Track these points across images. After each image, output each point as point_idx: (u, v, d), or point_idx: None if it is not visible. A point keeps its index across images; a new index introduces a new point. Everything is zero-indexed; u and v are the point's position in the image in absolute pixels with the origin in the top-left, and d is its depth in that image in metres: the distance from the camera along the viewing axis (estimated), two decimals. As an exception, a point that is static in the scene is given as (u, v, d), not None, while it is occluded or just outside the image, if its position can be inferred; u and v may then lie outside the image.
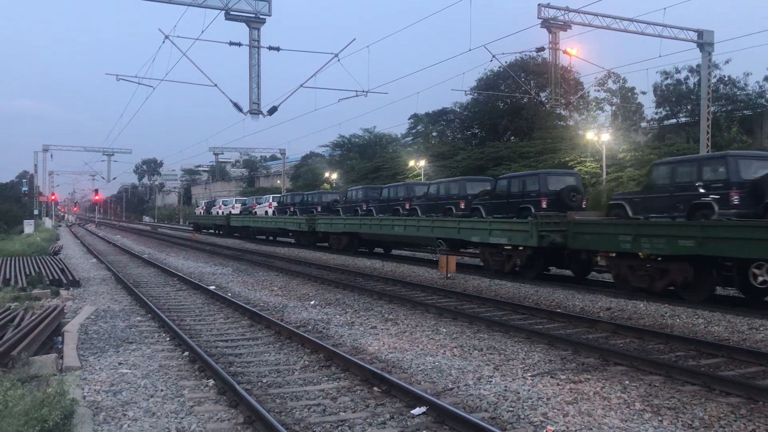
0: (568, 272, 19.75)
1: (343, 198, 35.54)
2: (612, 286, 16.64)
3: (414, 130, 66.33)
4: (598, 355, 9.47)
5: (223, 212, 53.07)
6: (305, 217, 34.50)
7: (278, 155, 76.46)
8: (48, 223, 69.23)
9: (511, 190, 21.07)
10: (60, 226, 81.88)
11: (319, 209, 35.56)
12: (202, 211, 61.28)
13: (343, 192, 39.98)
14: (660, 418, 6.72)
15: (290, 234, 38.91)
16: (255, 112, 22.43)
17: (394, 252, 32.68)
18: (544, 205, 19.43)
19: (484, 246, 20.54)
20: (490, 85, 51.25)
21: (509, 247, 19.27)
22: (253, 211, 46.83)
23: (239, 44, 22.02)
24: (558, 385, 7.95)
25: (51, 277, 18.47)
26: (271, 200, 45.09)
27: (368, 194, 31.44)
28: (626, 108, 48.63)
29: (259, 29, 22.01)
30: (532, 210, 19.44)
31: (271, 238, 45.00)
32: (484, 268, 20.84)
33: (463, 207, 23.23)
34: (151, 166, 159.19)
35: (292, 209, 38.94)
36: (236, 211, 51.18)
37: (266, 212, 44.10)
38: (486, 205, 21.87)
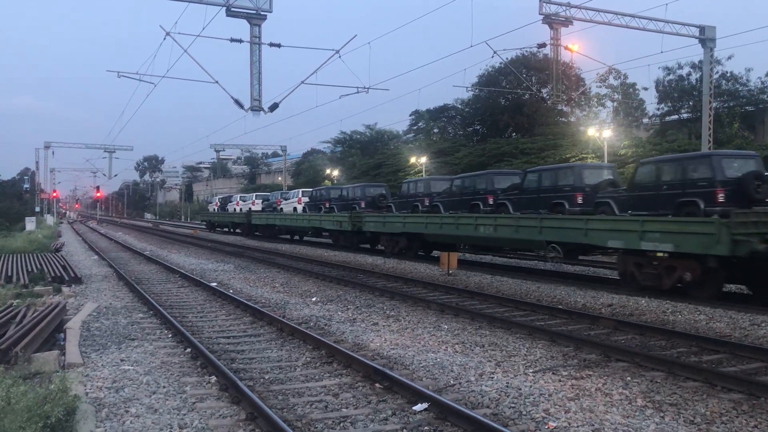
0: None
1: (386, 192, 31.89)
2: (615, 282, 16.62)
3: (415, 127, 66.36)
4: (599, 351, 9.47)
5: (241, 209, 49.06)
6: (347, 214, 29.51)
7: (279, 152, 76.53)
8: (50, 220, 69.27)
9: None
10: (62, 223, 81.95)
11: (363, 205, 30.56)
12: (216, 208, 57.26)
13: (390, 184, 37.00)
14: (662, 414, 6.72)
15: (326, 234, 34.31)
16: (256, 108, 22.44)
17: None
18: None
19: (628, 254, 15.63)
20: (491, 81, 51.22)
21: (667, 255, 14.56)
22: (279, 207, 42.13)
23: (240, 41, 22.00)
24: (560, 381, 7.96)
25: (53, 274, 18.49)
26: (300, 195, 40.15)
27: (432, 187, 26.37)
28: (628, 104, 48.60)
29: (260, 26, 22.01)
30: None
31: (296, 237, 41.21)
32: (623, 282, 15.94)
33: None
34: (152, 163, 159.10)
35: (327, 205, 34.15)
36: (257, 207, 46.65)
37: (294, 209, 39.57)
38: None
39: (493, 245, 22.97)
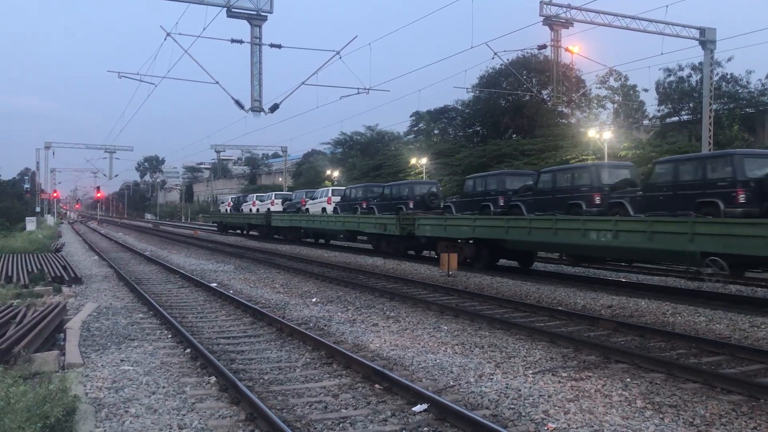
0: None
1: (438, 191, 28.47)
2: (615, 284, 16.61)
3: (416, 128, 66.38)
4: (599, 352, 9.47)
5: (258, 210, 45.35)
6: (394, 216, 25.78)
7: (280, 153, 76.54)
8: (50, 220, 69.27)
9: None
10: (62, 223, 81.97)
11: (411, 205, 26.67)
12: (228, 208, 53.47)
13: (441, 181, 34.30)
14: (661, 416, 6.72)
15: (363, 238, 31.37)
16: (257, 109, 22.43)
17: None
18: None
19: None
20: (491, 82, 51.24)
21: None
22: (304, 208, 37.85)
23: (241, 41, 22.00)
24: (559, 382, 7.96)
25: (53, 274, 18.49)
26: (330, 194, 35.91)
27: (507, 183, 21.88)
28: (628, 106, 48.62)
29: (260, 26, 22.01)
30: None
31: (321, 241, 37.66)
32: None
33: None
34: (152, 164, 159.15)
35: (365, 206, 30.16)
36: (276, 207, 42.83)
37: (323, 210, 35.11)
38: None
39: (612, 256, 18.07)
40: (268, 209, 43.22)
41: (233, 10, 21.44)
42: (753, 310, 12.65)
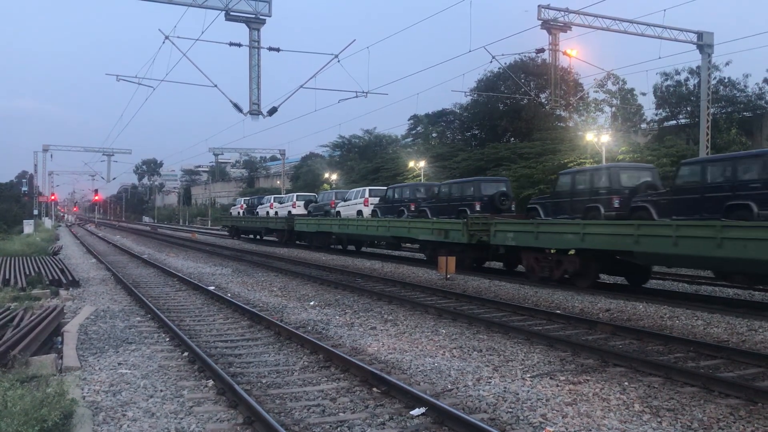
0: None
1: (509, 189, 24.13)
2: (612, 287, 16.60)
3: (414, 131, 66.44)
4: (597, 356, 9.47)
5: (276, 213, 41.40)
6: (460, 221, 21.44)
7: (278, 156, 76.51)
8: (48, 223, 69.26)
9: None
10: (60, 226, 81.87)
11: (478, 207, 22.27)
12: (241, 211, 49.54)
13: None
14: (659, 420, 6.72)
15: (408, 245, 28.37)
16: (255, 112, 22.44)
17: (395, 253, 31.19)
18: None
19: None
20: (489, 86, 51.28)
21: None
22: (334, 211, 33.95)
23: (239, 45, 22.04)
24: (557, 386, 7.96)
25: (51, 278, 18.47)
26: (367, 195, 31.42)
27: (622, 179, 17.39)
28: (626, 109, 48.70)
29: (259, 30, 22.03)
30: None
31: (351, 247, 33.67)
32: None
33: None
34: (151, 167, 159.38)
35: (413, 208, 26.38)
36: (298, 210, 38.92)
37: (359, 212, 31.13)
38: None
39: None
40: (289, 212, 39.24)
41: (232, 13, 21.46)
42: (751, 314, 12.67)
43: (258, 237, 46.08)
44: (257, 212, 45.21)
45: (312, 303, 15.22)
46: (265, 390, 7.86)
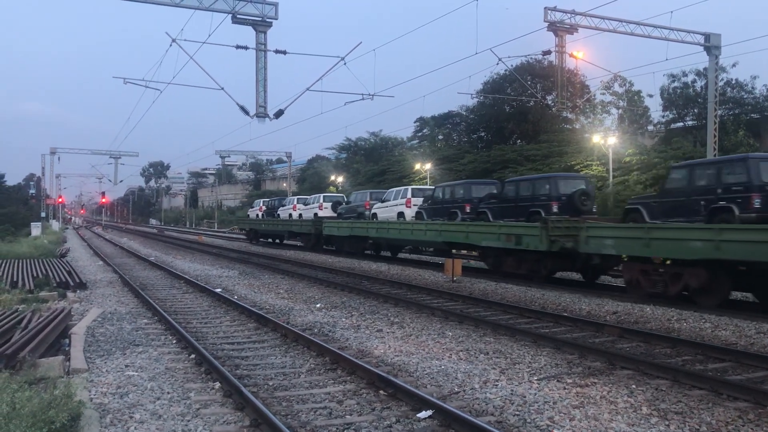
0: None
1: (590, 188, 20.57)
2: (620, 290, 16.56)
3: (420, 133, 66.51)
4: (604, 359, 9.44)
5: (301, 215, 38.32)
6: (536, 224, 18.09)
7: (284, 158, 76.66)
8: (55, 225, 69.49)
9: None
10: (67, 228, 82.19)
11: (556, 208, 19.08)
12: (260, 213, 46.95)
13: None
14: (667, 423, 6.69)
15: (468, 250, 25.58)
16: (261, 115, 22.47)
17: (400, 255, 31.17)
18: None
19: None
20: (496, 88, 51.28)
21: None
22: (369, 212, 31.05)
23: (246, 47, 22.06)
24: (564, 389, 7.93)
25: (58, 280, 18.53)
26: (410, 195, 28.13)
27: (764, 175, 13.99)
28: (633, 111, 48.60)
29: (265, 32, 22.06)
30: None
31: (385, 253, 31.44)
32: None
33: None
34: (157, 169, 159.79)
35: (468, 209, 23.35)
36: (326, 212, 35.84)
37: (400, 214, 28.01)
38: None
39: None
40: (315, 214, 35.98)
41: (238, 16, 21.50)
42: (759, 317, 12.60)
43: (278, 241, 44.31)
44: (278, 215, 42.40)
45: (318, 305, 15.22)
46: (272, 392, 7.86)
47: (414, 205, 27.45)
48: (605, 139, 38.41)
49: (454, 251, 25.58)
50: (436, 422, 6.67)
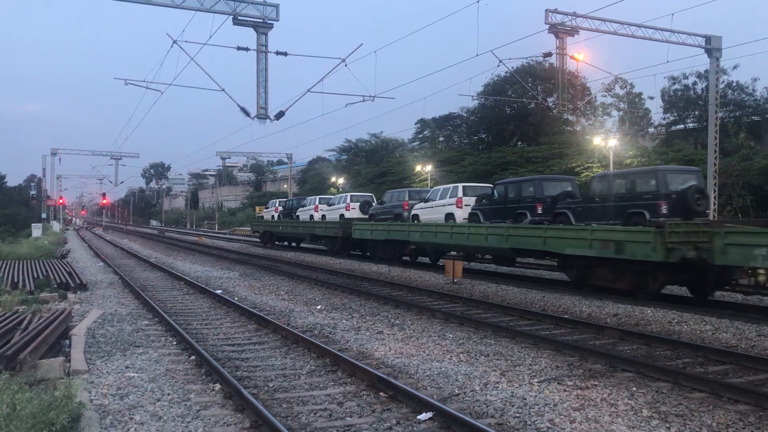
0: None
1: (702, 183, 17.13)
2: (620, 292, 16.53)
3: (421, 135, 66.50)
4: (605, 361, 9.43)
5: (323, 216, 35.07)
6: (650, 229, 14.81)
7: (285, 160, 76.73)
8: (56, 226, 69.46)
9: None
10: (68, 229, 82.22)
11: (665, 209, 15.82)
12: (276, 214, 43.80)
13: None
14: (667, 425, 6.68)
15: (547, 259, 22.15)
16: (262, 116, 22.50)
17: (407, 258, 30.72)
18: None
19: None
20: (497, 90, 51.30)
21: None
22: (408, 214, 27.21)
23: (247, 49, 22.10)
24: (565, 391, 7.93)
25: (58, 281, 18.53)
26: (461, 194, 24.13)
27: None
28: (633, 113, 48.61)
29: (266, 34, 22.10)
30: None
31: (423, 259, 27.45)
32: None
33: None
34: (158, 170, 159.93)
35: (539, 210, 19.80)
36: (353, 213, 32.28)
37: (449, 216, 24.22)
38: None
39: None
40: (342, 216, 32.54)
41: (239, 18, 21.54)
42: (760, 319, 12.59)
43: (295, 245, 41.68)
44: (297, 216, 38.89)
45: (319, 307, 15.22)
46: (272, 394, 7.86)
47: (466, 205, 23.56)
48: (606, 141, 38.38)
49: (518, 258, 22.49)
50: (437, 424, 6.66)
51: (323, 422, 6.80)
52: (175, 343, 10.98)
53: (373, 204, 32.28)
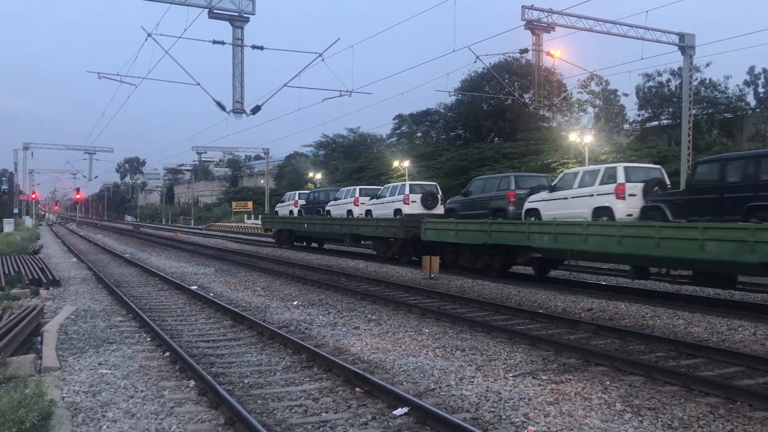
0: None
1: None
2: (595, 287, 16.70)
3: (398, 131, 66.60)
4: (579, 355, 9.51)
5: (368, 211, 27.85)
6: None
7: (262, 155, 76.25)
8: (28, 222, 68.46)
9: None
10: (40, 225, 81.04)
11: None
12: (296, 209, 36.05)
13: None
14: (640, 419, 6.76)
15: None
16: (238, 111, 22.33)
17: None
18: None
19: None
20: (474, 86, 51.50)
21: None
22: (513, 208, 20.12)
23: (222, 43, 21.90)
24: (539, 385, 7.98)
25: (30, 277, 18.25)
26: (621, 178, 16.18)
27: None
28: (609, 110, 49.12)
29: (242, 28, 21.92)
30: None
31: (524, 270, 21.13)
32: None
33: None
34: (133, 165, 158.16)
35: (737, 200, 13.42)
36: (413, 208, 25.06)
37: (601, 211, 16.49)
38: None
39: None
40: (398, 210, 25.54)
41: (215, 11, 21.33)
42: (730, 313, 12.79)
43: (307, 245, 36.18)
44: (328, 211, 31.71)
45: (295, 303, 15.16)
46: (247, 390, 7.81)
47: (630, 195, 16.17)
48: (581, 137, 38.76)
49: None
50: (412, 419, 6.67)
51: (299, 418, 6.78)
52: (149, 339, 10.87)
53: (438, 195, 25.88)
